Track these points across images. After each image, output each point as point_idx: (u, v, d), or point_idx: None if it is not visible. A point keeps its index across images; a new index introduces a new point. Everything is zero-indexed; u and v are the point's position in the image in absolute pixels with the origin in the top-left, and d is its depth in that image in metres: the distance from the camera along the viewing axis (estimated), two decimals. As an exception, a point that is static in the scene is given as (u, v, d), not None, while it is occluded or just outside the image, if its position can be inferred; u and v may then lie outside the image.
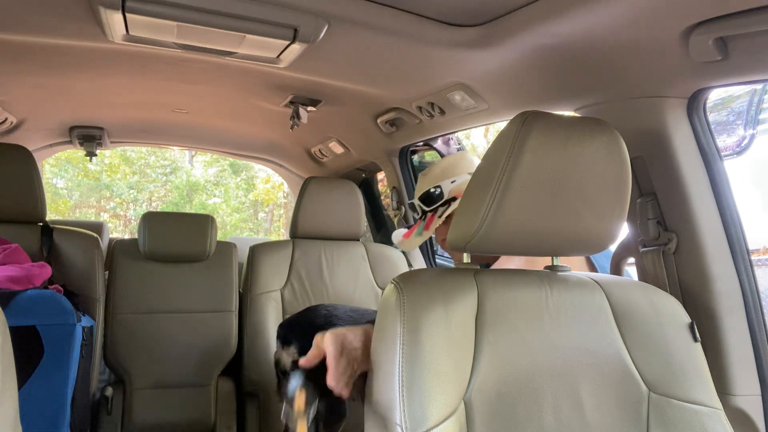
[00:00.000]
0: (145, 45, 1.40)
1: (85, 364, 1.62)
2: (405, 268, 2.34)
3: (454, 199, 1.49)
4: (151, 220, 2.19)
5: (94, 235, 1.94)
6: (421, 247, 2.47)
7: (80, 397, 1.57)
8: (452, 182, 1.51)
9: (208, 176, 13.33)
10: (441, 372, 0.82)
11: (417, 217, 1.59)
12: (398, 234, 1.64)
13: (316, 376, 1.96)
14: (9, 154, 1.76)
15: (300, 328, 1.99)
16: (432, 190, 1.52)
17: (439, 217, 1.50)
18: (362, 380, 1.88)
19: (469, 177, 1.42)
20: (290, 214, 2.56)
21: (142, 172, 12.89)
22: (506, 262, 1.49)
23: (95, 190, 12.63)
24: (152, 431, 2.10)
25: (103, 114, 2.48)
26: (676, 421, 0.94)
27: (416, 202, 1.57)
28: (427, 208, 1.54)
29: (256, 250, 2.25)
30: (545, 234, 0.93)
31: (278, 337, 2.00)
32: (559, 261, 1.06)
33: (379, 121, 2.02)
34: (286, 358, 1.96)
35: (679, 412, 0.94)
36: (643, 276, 1.29)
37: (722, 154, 1.24)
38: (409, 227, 1.62)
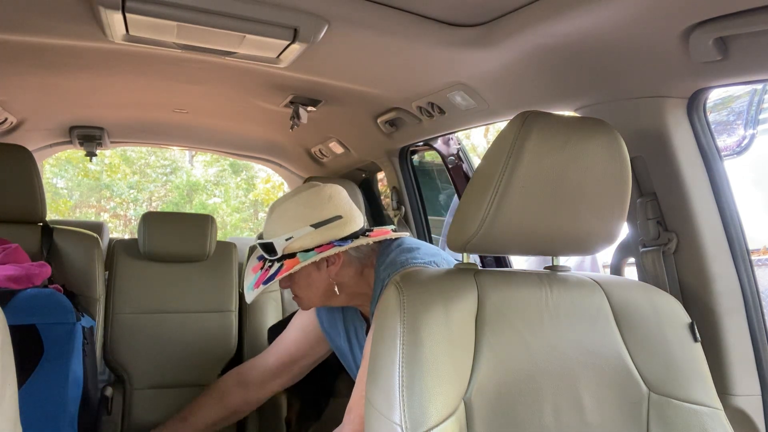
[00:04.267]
0: (145, 45, 1.40)
1: (91, 363, 1.62)
2: (405, 268, 2.33)
3: (292, 255, 1.26)
4: (151, 220, 2.19)
5: (94, 235, 1.94)
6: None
7: (86, 396, 1.57)
8: (287, 239, 1.27)
9: (208, 176, 13.32)
10: (441, 372, 0.82)
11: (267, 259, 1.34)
12: (249, 283, 1.36)
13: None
14: (9, 154, 1.75)
15: None
16: (265, 242, 1.31)
17: (268, 279, 1.28)
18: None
19: (311, 230, 1.26)
20: (290, 214, 2.54)
21: (142, 172, 12.88)
22: None
23: (95, 190, 12.63)
24: (152, 431, 2.10)
25: (103, 114, 2.48)
26: (676, 421, 0.93)
27: (257, 242, 1.36)
28: (267, 256, 1.32)
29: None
30: (545, 234, 0.93)
31: (269, 340, 2.02)
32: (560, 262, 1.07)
33: (379, 121, 2.02)
34: None
35: (679, 412, 0.94)
36: (643, 276, 1.29)
37: (722, 154, 1.24)
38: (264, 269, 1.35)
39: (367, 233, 1.34)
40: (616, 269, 1.39)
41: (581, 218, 0.93)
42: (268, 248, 1.30)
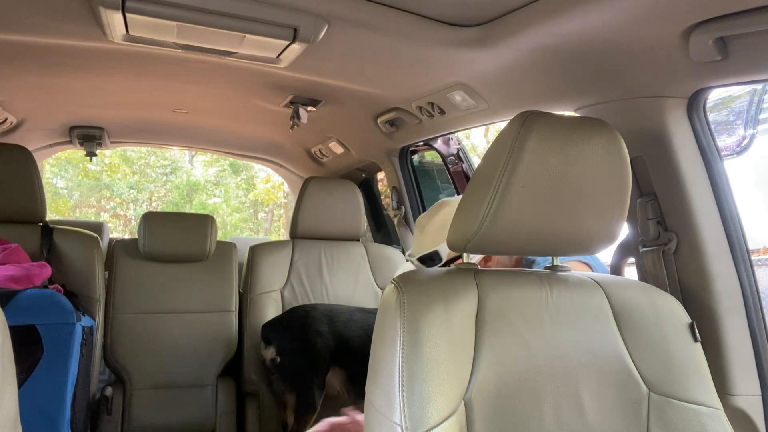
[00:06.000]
0: (145, 45, 1.40)
1: (86, 364, 1.62)
2: (405, 268, 2.33)
3: (452, 261, 1.36)
4: (151, 220, 2.19)
5: (94, 235, 1.94)
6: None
7: (80, 397, 1.57)
8: None
9: (208, 176, 13.32)
10: (441, 372, 0.82)
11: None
12: None
13: (292, 369, 2.00)
14: (9, 154, 1.75)
15: (279, 329, 2.01)
16: (428, 252, 1.39)
17: None
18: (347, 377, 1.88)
19: None
20: (290, 214, 2.56)
21: (142, 172, 12.88)
22: None
23: (95, 190, 12.62)
24: (152, 431, 2.10)
25: (103, 114, 2.48)
26: (676, 421, 0.93)
27: (413, 260, 1.44)
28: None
29: (256, 250, 2.25)
30: (545, 234, 0.93)
31: (262, 337, 2.03)
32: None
33: (379, 121, 2.02)
34: (267, 357, 1.99)
35: (679, 412, 0.94)
36: (643, 276, 1.29)
37: (722, 154, 1.24)
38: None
39: None
40: (616, 269, 1.39)
41: (581, 218, 0.93)
42: (432, 258, 1.39)
